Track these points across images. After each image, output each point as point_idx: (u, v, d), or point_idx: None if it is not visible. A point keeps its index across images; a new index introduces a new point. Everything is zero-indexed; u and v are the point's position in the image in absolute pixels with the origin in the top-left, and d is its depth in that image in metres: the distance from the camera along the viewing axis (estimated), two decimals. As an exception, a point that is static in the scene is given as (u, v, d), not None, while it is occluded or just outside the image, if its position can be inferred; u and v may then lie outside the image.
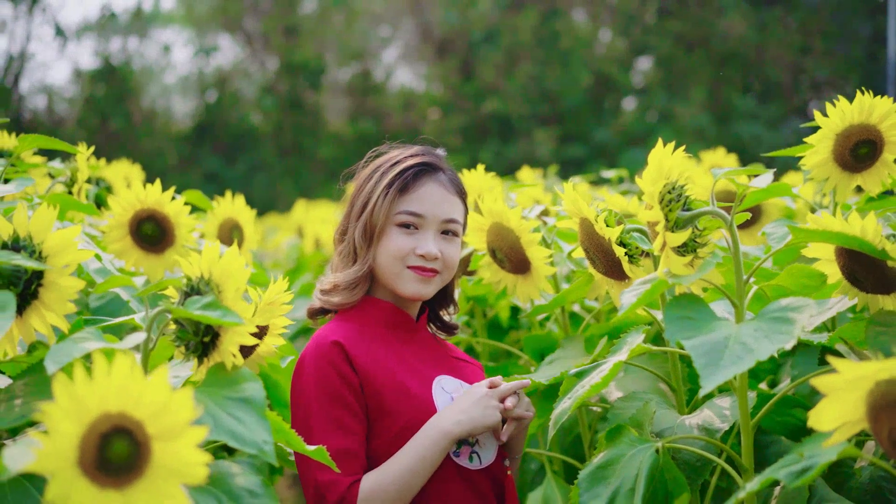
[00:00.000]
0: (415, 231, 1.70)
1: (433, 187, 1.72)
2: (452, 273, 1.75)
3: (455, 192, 1.75)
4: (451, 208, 1.73)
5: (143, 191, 2.03)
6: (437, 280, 1.72)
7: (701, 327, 1.30)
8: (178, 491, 0.97)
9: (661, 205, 1.38)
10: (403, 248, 1.69)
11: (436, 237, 1.71)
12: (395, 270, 1.70)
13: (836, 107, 1.67)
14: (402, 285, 1.70)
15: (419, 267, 1.69)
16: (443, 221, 1.72)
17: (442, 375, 1.71)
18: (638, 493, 1.32)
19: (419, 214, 1.70)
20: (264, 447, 1.21)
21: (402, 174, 1.72)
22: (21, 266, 1.27)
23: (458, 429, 1.58)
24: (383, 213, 1.70)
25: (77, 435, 0.94)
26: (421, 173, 1.73)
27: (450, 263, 1.73)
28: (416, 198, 1.71)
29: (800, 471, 1.13)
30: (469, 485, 1.64)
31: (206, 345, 1.30)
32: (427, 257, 1.69)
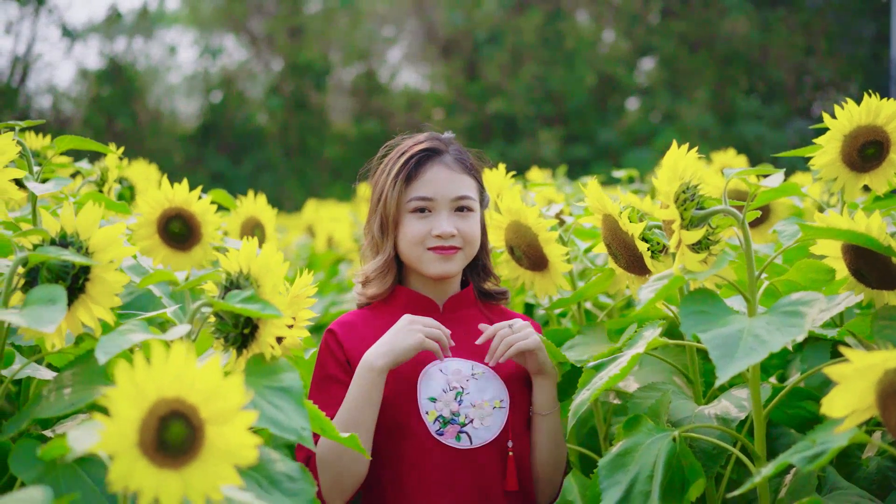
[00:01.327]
0: (428, 214, 1.80)
1: (438, 169, 1.81)
2: (475, 246, 1.82)
3: (462, 170, 1.82)
4: (460, 186, 1.81)
5: (171, 190, 2.09)
6: (459, 256, 1.80)
7: (715, 321, 1.36)
8: (231, 471, 1.03)
9: (676, 204, 1.45)
10: (420, 232, 1.78)
11: (449, 216, 1.79)
12: (416, 254, 1.79)
13: (843, 109, 1.73)
14: (427, 267, 1.79)
15: (438, 247, 1.78)
16: (453, 199, 1.80)
17: (447, 359, 1.76)
18: (656, 479, 1.38)
19: (429, 198, 1.79)
20: (302, 433, 1.28)
21: (407, 163, 1.81)
22: (69, 261, 1.34)
23: (381, 361, 1.66)
24: (394, 203, 1.80)
25: (137, 418, 1.00)
26: (424, 159, 1.82)
27: (469, 238, 1.80)
28: (422, 183, 1.80)
29: (812, 455, 1.19)
30: (454, 465, 1.70)
31: (246, 336, 1.37)
32: (443, 236, 1.77)
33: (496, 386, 1.76)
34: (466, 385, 1.75)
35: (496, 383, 1.76)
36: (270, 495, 1.25)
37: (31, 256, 1.32)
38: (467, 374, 1.76)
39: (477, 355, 1.79)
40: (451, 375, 1.76)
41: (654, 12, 16.64)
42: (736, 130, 14.50)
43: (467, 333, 1.81)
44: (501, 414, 1.74)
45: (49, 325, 1.21)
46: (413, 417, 1.72)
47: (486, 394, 1.75)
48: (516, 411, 1.77)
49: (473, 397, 1.73)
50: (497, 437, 1.73)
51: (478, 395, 1.74)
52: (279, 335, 1.34)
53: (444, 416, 1.72)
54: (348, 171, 15.66)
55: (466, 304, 1.87)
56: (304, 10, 18.06)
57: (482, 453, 1.72)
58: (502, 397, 1.75)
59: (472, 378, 1.76)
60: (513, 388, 1.78)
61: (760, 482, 1.26)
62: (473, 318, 1.85)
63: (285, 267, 1.37)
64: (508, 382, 1.78)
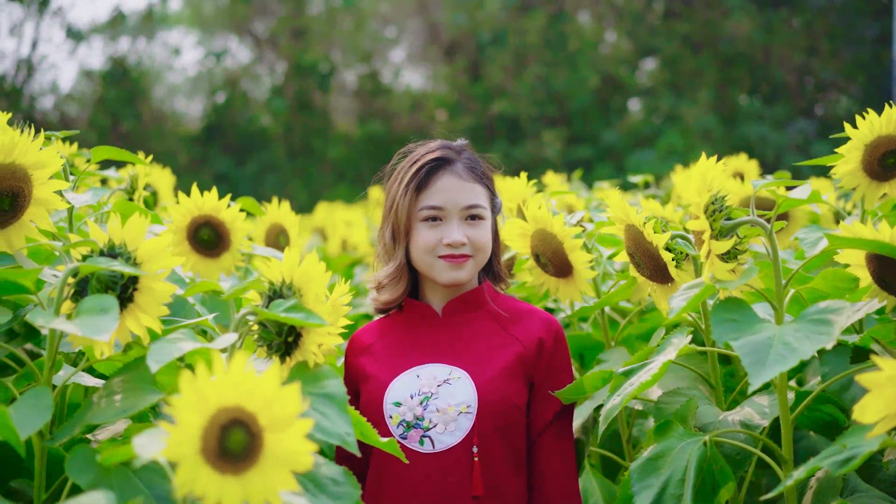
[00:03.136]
0: (439, 223, 1.82)
1: (449, 179, 1.83)
2: (486, 253, 1.85)
3: (472, 179, 1.85)
4: (470, 195, 1.83)
5: (201, 198, 2.14)
6: (470, 264, 1.82)
7: (746, 329, 1.40)
8: (289, 477, 1.07)
9: (706, 215, 1.49)
10: (431, 241, 1.81)
11: (460, 224, 1.82)
12: (428, 262, 1.83)
13: (865, 119, 1.77)
14: (438, 275, 1.83)
15: (448, 256, 1.81)
16: (463, 209, 1.82)
17: (429, 364, 1.80)
18: (688, 482, 1.42)
19: (439, 207, 1.82)
20: (347, 438, 1.32)
21: (418, 172, 1.84)
22: (118, 271, 1.38)
23: None
24: (406, 212, 1.84)
25: (200, 426, 1.04)
26: (435, 168, 1.84)
27: (479, 245, 1.83)
28: (433, 192, 1.83)
29: (844, 460, 1.23)
30: (417, 470, 1.73)
31: (289, 344, 1.41)
32: (454, 245, 1.80)
33: (467, 391, 1.76)
34: (437, 390, 1.77)
35: (468, 389, 1.76)
36: (317, 499, 1.29)
37: (81, 267, 1.35)
38: (441, 380, 1.78)
39: (464, 360, 1.80)
40: (425, 380, 1.78)
41: (657, 13, 16.67)
42: (738, 131, 14.54)
43: (461, 338, 1.83)
44: (467, 419, 1.74)
45: (104, 334, 1.25)
46: (380, 422, 1.77)
47: (455, 399, 1.75)
48: (487, 417, 1.74)
49: (440, 402, 1.75)
50: (461, 442, 1.74)
51: (445, 400, 1.75)
52: (324, 343, 1.38)
53: (407, 421, 1.76)
54: (352, 172, 15.72)
55: (470, 306, 1.87)
56: (307, 11, 18.09)
57: (446, 458, 1.73)
58: (470, 403, 1.75)
59: (446, 383, 1.77)
60: (487, 393, 1.76)
61: (792, 486, 1.29)
62: (475, 321, 1.86)
63: (327, 276, 1.40)
64: (482, 388, 1.76)
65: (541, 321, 1.85)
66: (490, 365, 1.79)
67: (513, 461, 1.78)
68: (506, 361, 1.80)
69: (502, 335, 1.84)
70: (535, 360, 1.81)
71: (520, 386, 1.79)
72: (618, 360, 1.94)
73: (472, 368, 1.79)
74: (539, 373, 1.81)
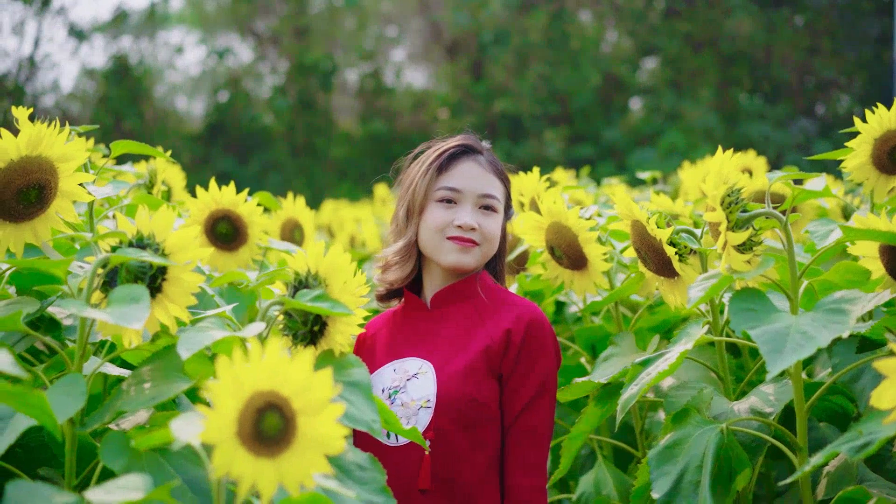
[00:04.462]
0: (453, 205, 1.84)
1: (470, 165, 1.86)
2: (493, 246, 1.85)
3: (493, 172, 1.88)
4: (489, 185, 1.85)
5: (219, 192, 2.17)
6: (476, 251, 1.82)
7: (763, 318, 1.43)
8: (322, 460, 1.10)
9: (722, 207, 1.51)
10: (442, 220, 1.82)
11: (473, 210, 1.83)
12: (435, 242, 1.83)
13: (874, 114, 1.79)
14: (443, 256, 1.83)
15: (458, 237, 1.81)
16: (479, 196, 1.84)
17: (408, 357, 1.81)
18: (706, 469, 1.45)
19: (456, 189, 1.84)
20: (373, 425, 1.35)
21: (441, 156, 1.87)
22: (147, 262, 1.40)
23: None
24: (423, 190, 1.85)
25: (237, 409, 1.06)
26: (459, 154, 1.88)
27: (488, 236, 1.83)
28: (453, 175, 1.85)
29: (861, 445, 1.26)
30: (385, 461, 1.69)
31: (315, 333, 1.43)
32: (464, 227, 1.81)
33: (429, 386, 1.76)
34: (405, 384, 1.78)
35: (430, 383, 1.76)
36: (344, 484, 1.32)
37: (112, 258, 1.38)
38: (411, 374, 1.78)
39: (435, 354, 1.80)
40: (398, 374, 1.80)
41: (658, 12, 16.69)
42: (740, 130, 14.55)
43: (440, 331, 1.83)
44: (427, 414, 1.73)
45: (136, 323, 1.28)
46: None
47: (418, 393, 1.75)
48: (444, 412, 1.73)
49: (406, 396, 1.76)
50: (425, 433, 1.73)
51: (410, 394, 1.76)
52: (349, 332, 1.41)
53: None
54: (354, 171, 15.73)
55: (457, 297, 1.86)
56: (309, 10, 18.11)
57: (405, 451, 1.74)
58: (430, 397, 1.74)
59: (414, 377, 1.78)
60: (445, 388, 1.75)
61: (810, 471, 1.32)
62: (458, 313, 1.84)
63: (353, 267, 1.43)
64: (441, 383, 1.75)
65: (513, 312, 1.81)
66: (456, 359, 1.78)
67: (479, 456, 1.74)
68: (472, 355, 1.77)
69: (479, 328, 1.81)
70: (501, 353, 1.77)
71: (482, 380, 1.76)
72: (628, 346, 1.96)
73: (438, 363, 1.78)
74: (507, 365, 1.77)
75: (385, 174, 2.03)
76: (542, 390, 1.77)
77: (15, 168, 1.52)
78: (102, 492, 1.11)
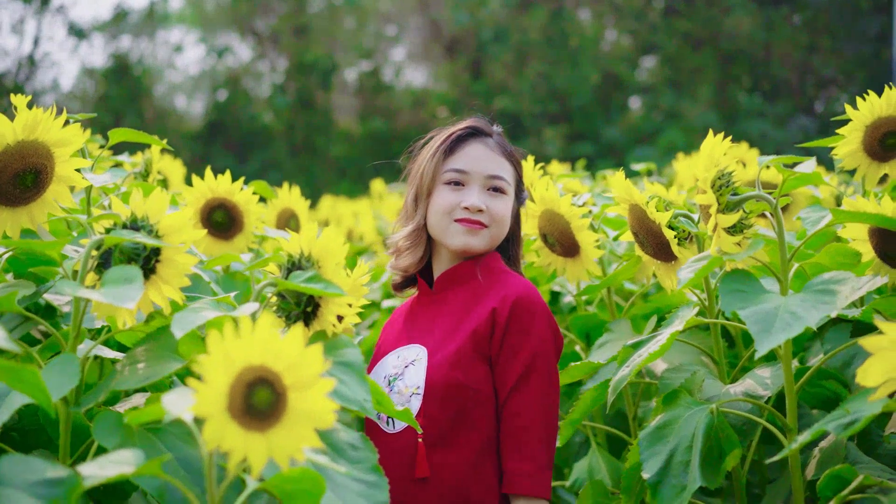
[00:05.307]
0: (461, 188, 1.83)
1: (478, 147, 1.85)
2: (502, 228, 1.83)
3: (502, 154, 1.86)
4: (496, 166, 1.84)
5: (215, 181, 2.18)
6: (485, 234, 1.81)
7: (753, 299, 1.44)
8: (312, 434, 1.11)
9: (713, 189, 1.52)
10: (450, 203, 1.81)
11: (481, 192, 1.81)
12: (443, 225, 1.82)
13: (865, 101, 1.80)
14: (451, 239, 1.82)
15: (465, 219, 1.80)
16: (487, 177, 1.82)
17: (411, 344, 1.81)
18: (695, 449, 1.46)
19: (464, 171, 1.83)
20: (365, 405, 1.36)
21: (449, 138, 1.87)
22: (140, 243, 1.41)
23: None
24: (431, 173, 1.85)
25: (227, 384, 1.08)
26: (467, 136, 1.87)
27: (497, 218, 1.81)
28: (461, 156, 1.84)
29: (847, 423, 1.27)
30: (386, 449, 1.70)
31: (308, 314, 1.44)
32: (471, 209, 1.79)
33: (420, 373, 1.75)
34: (403, 371, 1.77)
35: (422, 370, 1.75)
36: (336, 462, 1.33)
37: (106, 239, 1.39)
38: (409, 360, 1.78)
39: (431, 340, 1.78)
40: (399, 361, 1.80)
41: (657, 10, 16.71)
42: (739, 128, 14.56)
43: (438, 316, 1.82)
44: (417, 401, 1.72)
45: (129, 302, 1.28)
46: None
47: (411, 380, 1.75)
48: (431, 398, 1.72)
49: (402, 383, 1.76)
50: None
51: (405, 381, 1.75)
52: (341, 313, 1.42)
53: None
54: (354, 169, 15.73)
55: (457, 280, 1.84)
56: (308, 8, 18.13)
57: (400, 438, 1.73)
58: (420, 384, 1.73)
59: (411, 364, 1.77)
60: (432, 373, 1.73)
61: (797, 449, 1.33)
62: (458, 297, 1.82)
63: (346, 248, 1.44)
64: (430, 368, 1.74)
65: (500, 292, 1.77)
66: (447, 344, 1.76)
67: (469, 441, 1.71)
68: (461, 339, 1.75)
69: (471, 311, 1.78)
70: (488, 334, 1.73)
71: (471, 364, 1.73)
72: (623, 331, 1.98)
73: (431, 348, 1.77)
74: (494, 347, 1.73)
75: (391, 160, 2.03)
76: (530, 371, 1.71)
77: (11, 152, 1.53)
78: (95, 466, 1.12)
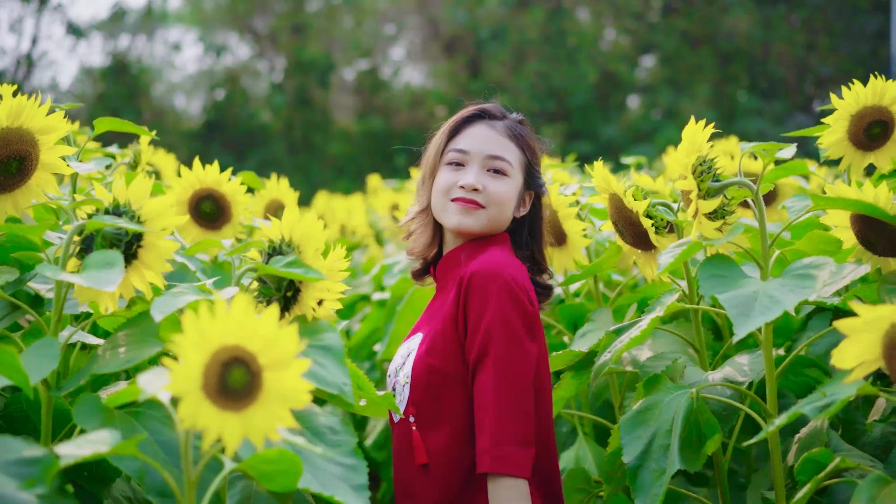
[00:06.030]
0: (461, 168, 1.81)
1: (482, 128, 1.82)
2: (502, 210, 1.78)
3: (507, 136, 1.82)
4: (499, 147, 1.80)
5: (203, 171, 2.18)
6: (482, 214, 1.76)
7: (732, 284, 1.45)
8: (287, 414, 1.11)
9: (694, 175, 1.53)
10: (448, 182, 1.79)
11: (480, 172, 1.78)
12: (441, 204, 1.80)
13: (851, 90, 1.81)
14: (447, 218, 1.80)
15: (460, 198, 1.77)
16: (487, 157, 1.79)
17: (415, 335, 1.82)
18: (675, 433, 1.47)
19: (464, 150, 1.80)
20: (343, 388, 1.36)
21: (457, 120, 1.86)
22: (122, 228, 1.42)
23: None
24: (433, 154, 1.85)
25: (202, 363, 1.08)
26: (473, 118, 1.85)
27: (495, 199, 1.77)
28: (463, 137, 1.82)
29: (823, 406, 1.28)
30: (395, 438, 1.78)
31: (288, 299, 1.45)
32: (466, 187, 1.76)
33: (412, 362, 1.76)
34: (405, 362, 1.78)
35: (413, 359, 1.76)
36: (315, 445, 1.34)
37: (87, 224, 1.40)
38: (410, 350, 1.79)
39: (427, 329, 1.79)
40: (404, 352, 1.81)
41: (656, 10, 16.72)
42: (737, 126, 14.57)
43: (435, 304, 1.83)
44: (408, 389, 1.74)
45: (109, 285, 1.29)
46: None
47: (406, 370, 1.76)
48: (416, 384, 1.73)
49: (402, 374, 1.77)
50: (404, 411, 1.74)
51: (405, 371, 1.76)
52: (321, 297, 1.43)
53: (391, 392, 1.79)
54: (352, 167, 15.73)
55: (451, 266, 1.82)
56: (306, 7, 18.14)
57: (403, 426, 1.76)
58: (409, 373, 1.75)
59: (411, 353, 1.78)
60: (415, 361, 1.74)
61: (773, 431, 1.34)
62: (452, 282, 1.79)
63: (326, 234, 1.45)
64: (416, 356, 1.75)
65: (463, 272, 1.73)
66: (432, 331, 1.76)
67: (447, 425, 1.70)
68: (438, 324, 1.75)
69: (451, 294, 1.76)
70: (455, 314, 1.71)
71: (448, 348, 1.72)
72: (604, 320, 1.98)
73: (423, 337, 1.78)
74: (460, 326, 1.71)
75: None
76: (487, 345, 1.65)
77: (-5, 139, 1.54)
78: (71, 446, 1.13)
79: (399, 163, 12.93)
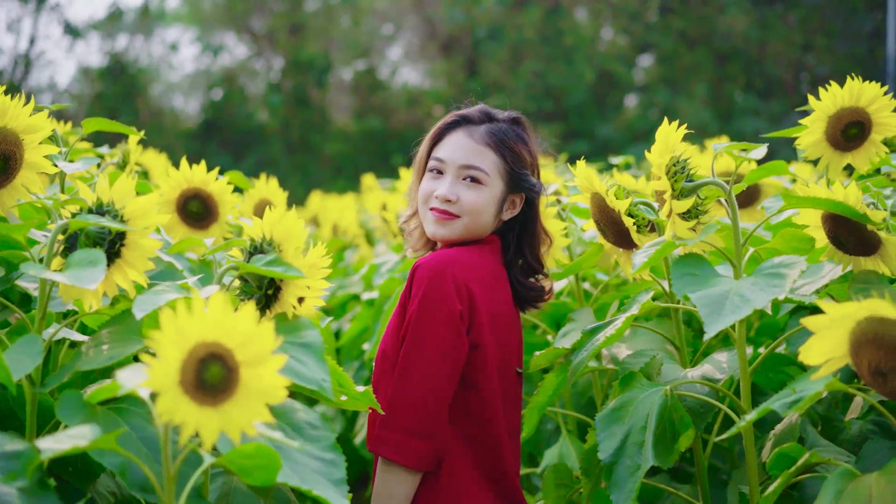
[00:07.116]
0: (440, 176, 1.85)
1: (460, 136, 1.86)
2: (478, 219, 1.81)
3: (485, 143, 1.83)
4: (472, 156, 1.82)
5: (190, 171, 2.20)
6: (456, 224, 1.81)
7: (704, 282, 1.47)
8: (264, 409, 1.14)
9: (667, 175, 1.56)
10: (427, 191, 1.86)
11: (454, 182, 1.82)
12: (422, 212, 1.88)
13: (828, 91, 1.83)
14: (426, 226, 1.87)
15: (435, 208, 1.83)
16: (460, 167, 1.82)
17: None
18: (649, 429, 1.49)
19: (441, 159, 1.85)
20: (323, 384, 1.39)
21: (440, 127, 1.91)
22: (106, 227, 1.44)
23: None
24: (419, 160, 1.91)
25: (179, 359, 1.11)
26: (455, 125, 1.89)
27: (468, 209, 1.80)
28: (443, 145, 1.87)
29: (792, 402, 1.30)
30: None
31: (269, 297, 1.47)
32: (439, 198, 1.82)
33: None
34: None
35: None
36: (294, 440, 1.36)
37: (71, 223, 1.42)
38: None
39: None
40: None
41: (653, 9, 16.75)
42: (734, 126, 14.60)
43: None
44: None
45: (91, 283, 1.32)
46: None
47: None
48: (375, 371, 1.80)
49: None
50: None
51: None
52: (301, 295, 1.45)
53: None
54: (349, 167, 15.76)
55: None
56: (304, 7, 18.16)
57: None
58: None
59: None
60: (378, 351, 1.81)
61: (745, 426, 1.36)
62: None
63: (306, 232, 1.47)
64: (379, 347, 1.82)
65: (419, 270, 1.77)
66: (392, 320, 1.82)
67: None
68: (397, 312, 1.80)
69: None
70: (405, 303, 1.78)
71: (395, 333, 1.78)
72: (585, 320, 2.01)
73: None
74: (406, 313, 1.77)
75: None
76: (405, 336, 1.73)
77: (-19, 139, 1.56)
78: (52, 440, 1.15)
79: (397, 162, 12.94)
